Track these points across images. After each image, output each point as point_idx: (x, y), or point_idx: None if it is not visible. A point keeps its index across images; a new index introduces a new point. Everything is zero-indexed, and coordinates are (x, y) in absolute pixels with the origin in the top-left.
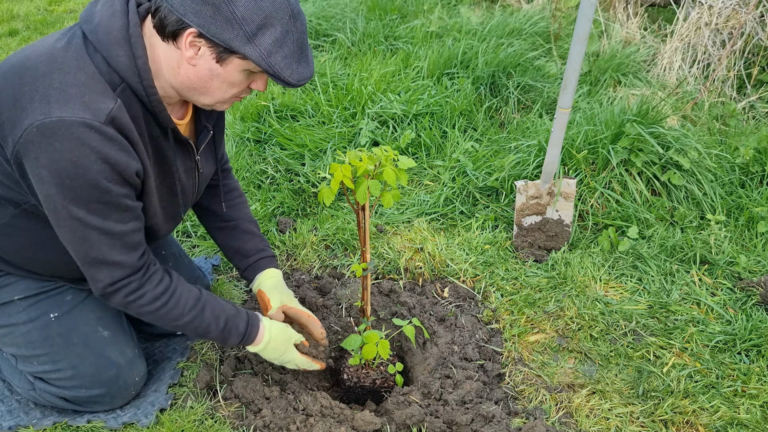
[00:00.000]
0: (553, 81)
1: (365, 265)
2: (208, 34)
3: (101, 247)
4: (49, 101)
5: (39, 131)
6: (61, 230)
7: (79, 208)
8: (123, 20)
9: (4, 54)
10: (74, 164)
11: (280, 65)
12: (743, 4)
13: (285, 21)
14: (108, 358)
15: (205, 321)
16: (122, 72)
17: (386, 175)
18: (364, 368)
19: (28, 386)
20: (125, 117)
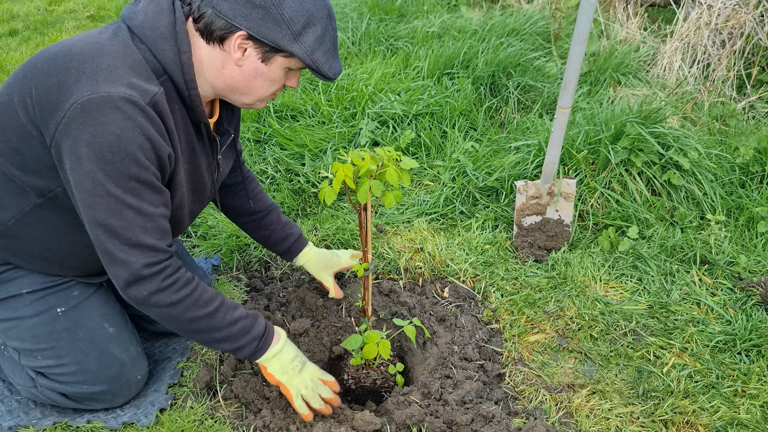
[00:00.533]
0: (553, 81)
1: (366, 266)
2: (258, 36)
3: (135, 228)
4: (97, 80)
5: (84, 107)
6: (95, 211)
7: (117, 185)
8: (170, 17)
9: (4, 54)
10: (118, 137)
11: (321, 61)
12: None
13: (324, 20)
14: (112, 355)
15: (229, 314)
16: (166, 65)
17: (388, 176)
18: (365, 368)
19: (29, 383)
20: (165, 104)
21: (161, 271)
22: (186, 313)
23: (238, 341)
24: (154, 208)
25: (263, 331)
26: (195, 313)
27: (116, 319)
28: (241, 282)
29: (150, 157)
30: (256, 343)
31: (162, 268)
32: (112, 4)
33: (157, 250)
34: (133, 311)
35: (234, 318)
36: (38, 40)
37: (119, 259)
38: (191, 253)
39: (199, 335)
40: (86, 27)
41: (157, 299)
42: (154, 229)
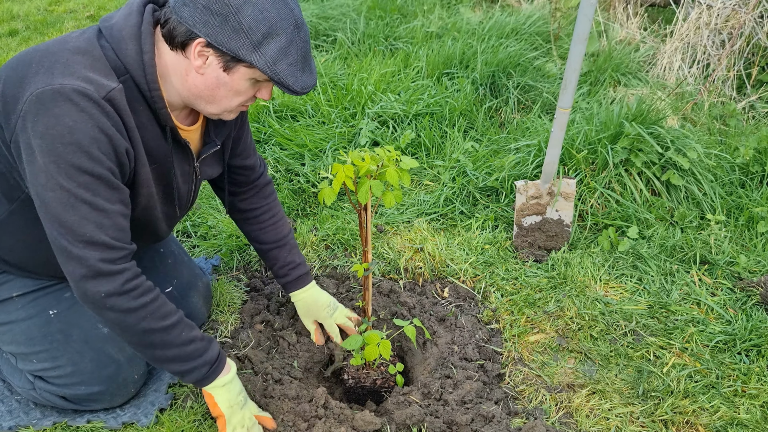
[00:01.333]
0: (553, 81)
1: (366, 266)
2: (216, 44)
3: (90, 224)
4: (53, 72)
5: (38, 98)
6: (49, 206)
7: (70, 178)
8: (137, 18)
9: (3, 54)
10: (70, 129)
11: (285, 73)
12: (743, 4)
13: (289, 31)
14: (108, 355)
15: (185, 333)
16: (128, 64)
17: (389, 176)
18: (365, 368)
19: (28, 386)
20: (123, 101)
21: (121, 272)
22: (141, 323)
23: (188, 363)
24: (109, 205)
25: (216, 358)
26: (151, 324)
27: None
28: (241, 282)
29: (105, 151)
30: (207, 368)
31: (121, 269)
32: (112, 4)
33: (114, 248)
34: None
35: (189, 337)
36: (38, 40)
37: (74, 255)
38: (191, 254)
39: (149, 350)
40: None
41: (113, 302)
42: (111, 227)
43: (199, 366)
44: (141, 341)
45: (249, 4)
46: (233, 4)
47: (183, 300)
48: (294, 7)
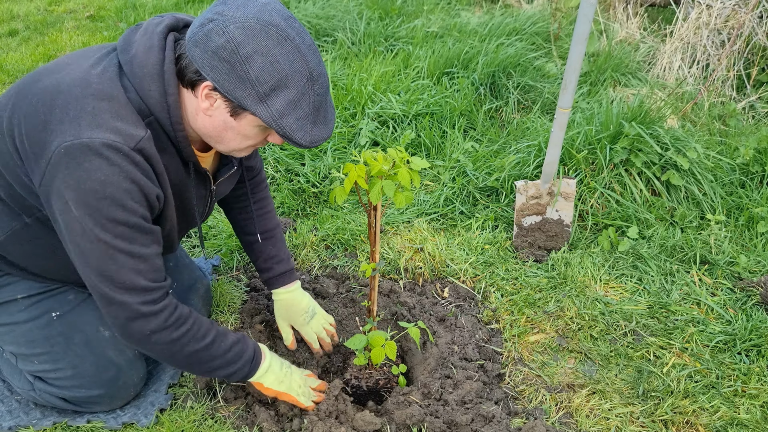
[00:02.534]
0: (553, 81)
1: (374, 265)
2: (222, 90)
3: (129, 271)
4: (80, 123)
5: (67, 152)
6: (87, 257)
7: (106, 231)
8: (159, 56)
9: (4, 54)
10: (102, 183)
11: (292, 127)
12: (742, 4)
13: (301, 84)
14: (108, 359)
15: (224, 342)
16: (152, 106)
17: (401, 176)
18: (368, 368)
19: (28, 386)
20: (152, 148)
21: (162, 309)
22: (186, 348)
23: (232, 366)
24: (145, 249)
25: (253, 354)
26: (194, 346)
27: None
28: (241, 282)
29: (138, 200)
30: (248, 366)
31: (162, 306)
32: (111, 4)
33: (154, 290)
34: None
35: (228, 345)
36: (38, 40)
37: (116, 300)
38: (191, 254)
39: (196, 366)
40: (86, 27)
41: (158, 337)
42: (148, 270)
43: (242, 366)
44: (187, 362)
45: (259, 55)
46: (242, 53)
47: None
48: (310, 58)
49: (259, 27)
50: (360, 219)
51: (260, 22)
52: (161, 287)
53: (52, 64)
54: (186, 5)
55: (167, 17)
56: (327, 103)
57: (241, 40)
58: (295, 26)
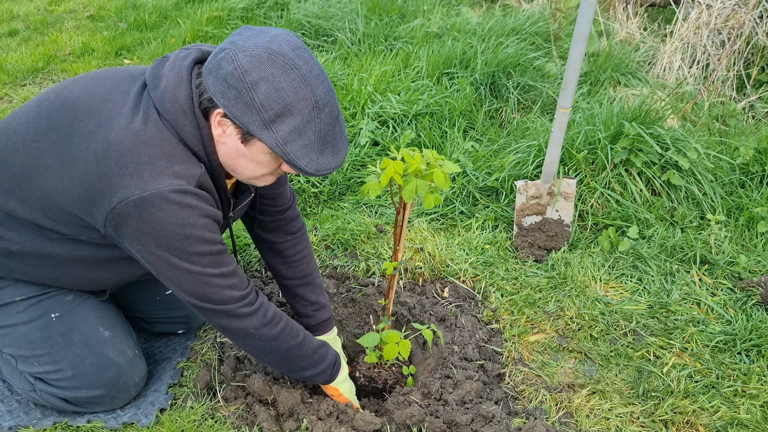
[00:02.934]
0: (553, 81)
1: (396, 264)
2: (231, 116)
3: (224, 290)
4: (143, 175)
5: (137, 205)
6: (182, 286)
7: (195, 264)
8: (188, 90)
9: (4, 54)
10: (181, 226)
11: (297, 154)
12: (742, 4)
13: (306, 112)
14: (108, 359)
15: (312, 343)
16: (188, 141)
17: (436, 177)
18: (377, 368)
19: (29, 387)
20: (209, 180)
21: (259, 308)
22: (283, 345)
23: (318, 367)
24: (231, 266)
25: (335, 359)
26: (290, 343)
27: (112, 322)
28: None
29: (213, 229)
30: (331, 369)
31: (259, 305)
32: (111, 4)
33: (248, 294)
34: (133, 312)
35: (315, 346)
36: (38, 40)
37: (219, 311)
38: None
39: (287, 364)
40: (86, 27)
41: (262, 333)
42: (239, 282)
43: (325, 368)
44: (282, 359)
45: (265, 82)
46: (249, 80)
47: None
48: (317, 87)
49: (267, 56)
50: (360, 219)
51: (268, 51)
52: (251, 289)
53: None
54: (186, 5)
55: (193, 50)
56: (336, 133)
57: (248, 67)
58: (303, 56)
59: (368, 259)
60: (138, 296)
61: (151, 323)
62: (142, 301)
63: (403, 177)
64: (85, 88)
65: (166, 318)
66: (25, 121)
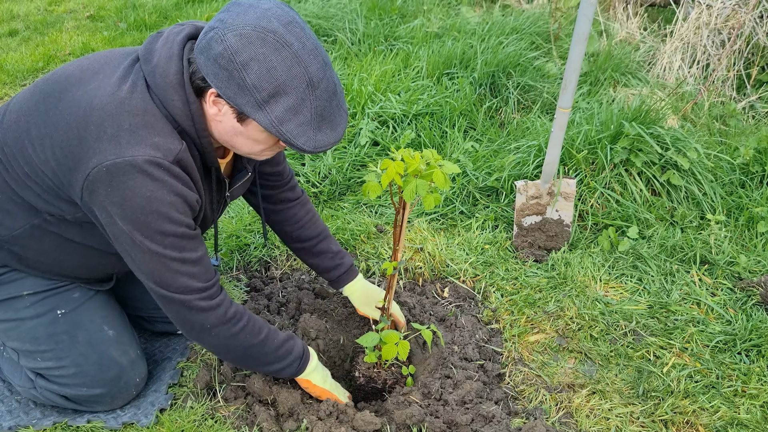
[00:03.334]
0: (553, 81)
1: (396, 264)
2: (224, 97)
3: (183, 277)
4: (120, 141)
5: (109, 171)
6: (140, 264)
7: (155, 243)
8: (178, 65)
9: (4, 54)
10: (148, 199)
11: (293, 133)
12: (743, 4)
13: (300, 90)
14: (111, 358)
15: (276, 339)
16: (176, 116)
17: (436, 177)
18: (376, 368)
19: (29, 384)
20: (189, 158)
21: (219, 304)
22: (242, 343)
23: (282, 362)
24: (195, 253)
25: (302, 351)
26: (250, 341)
27: (116, 322)
28: (241, 282)
29: (182, 210)
30: (298, 362)
31: (219, 301)
32: (111, 4)
33: (208, 288)
34: (134, 311)
35: (279, 341)
36: (38, 40)
37: (175, 299)
38: None
39: (249, 361)
40: (86, 27)
41: (218, 331)
42: (201, 272)
43: (292, 362)
44: (243, 356)
45: (255, 62)
46: (238, 61)
47: None
48: (310, 63)
49: (256, 34)
50: (360, 219)
51: (257, 29)
52: (214, 283)
53: (77, 70)
54: (186, 5)
55: (187, 25)
56: (334, 108)
57: (237, 47)
58: (295, 31)
59: (368, 259)
60: (139, 294)
61: (151, 322)
62: (143, 299)
63: (403, 177)
64: (80, 64)
65: (167, 317)
66: (21, 99)
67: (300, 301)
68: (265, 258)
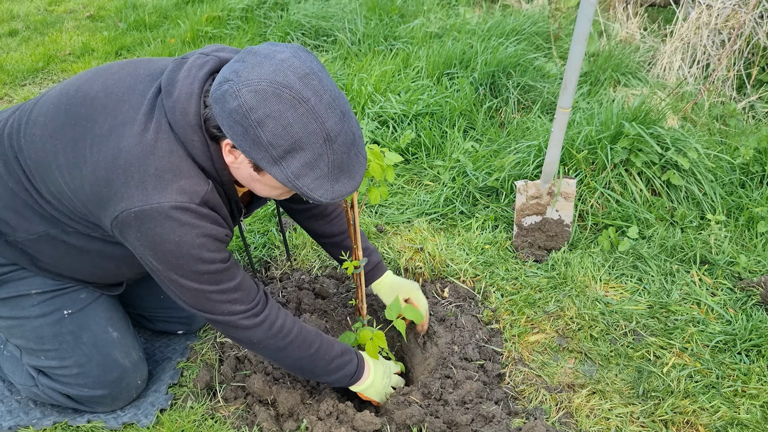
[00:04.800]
0: (553, 81)
1: (357, 263)
2: (241, 150)
3: (225, 305)
4: (146, 187)
5: (138, 217)
6: (182, 296)
7: (192, 281)
8: (197, 105)
9: (4, 54)
10: (177, 243)
11: (310, 186)
12: (743, 4)
13: (317, 146)
14: (114, 360)
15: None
16: (197, 157)
17: (372, 170)
18: None
19: (30, 382)
20: (216, 196)
21: (264, 320)
22: (292, 355)
23: (333, 376)
24: (233, 282)
25: (355, 370)
26: (300, 354)
27: (120, 324)
28: None
29: (213, 249)
30: (349, 379)
31: (264, 318)
32: (111, 4)
33: (252, 307)
34: (135, 310)
35: (331, 356)
36: (38, 40)
37: (220, 321)
38: None
39: (299, 371)
40: (86, 27)
41: (267, 344)
42: (242, 296)
43: (341, 378)
44: (293, 367)
45: (271, 120)
46: (253, 118)
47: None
48: (327, 119)
49: (272, 90)
50: (361, 219)
51: (273, 84)
52: (258, 302)
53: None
54: (186, 5)
55: (211, 57)
56: (352, 157)
57: (252, 104)
58: (312, 84)
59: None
60: (142, 293)
61: (152, 321)
62: (145, 298)
63: None
64: (105, 85)
65: (169, 317)
66: (44, 112)
67: (300, 301)
68: (265, 258)
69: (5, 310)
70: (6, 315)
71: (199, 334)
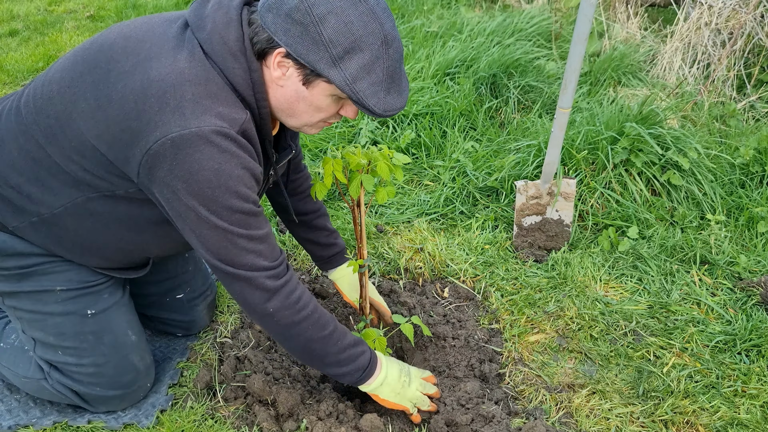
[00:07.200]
0: (553, 81)
1: (362, 262)
2: (295, 54)
3: (250, 254)
4: (184, 112)
5: (174, 144)
6: (205, 242)
7: (222, 219)
8: (238, 31)
9: (4, 54)
10: (216, 172)
11: (366, 92)
12: (743, 4)
13: (376, 47)
14: (131, 363)
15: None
16: (237, 84)
17: (380, 170)
18: None
19: (39, 375)
20: (252, 128)
21: (284, 285)
22: (304, 333)
23: (343, 367)
24: (261, 231)
25: (367, 363)
26: (313, 334)
27: (137, 327)
28: None
29: (249, 185)
30: (359, 374)
31: (284, 282)
32: (111, 4)
33: (274, 267)
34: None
35: (344, 344)
36: (38, 40)
37: (242, 277)
38: None
39: (308, 357)
40: (86, 27)
41: (280, 316)
42: (268, 251)
43: (352, 371)
44: (303, 349)
45: (333, 15)
46: (316, 13)
47: (189, 307)
48: (385, 21)
49: None
50: None
51: None
52: (281, 262)
53: (120, 39)
54: (186, 5)
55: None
56: (401, 71)
57: (314, 0)
58: None
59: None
60: (148, 293)
61: (154, 321)
62: (150, 298)
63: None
64: (120, 32)
65: (170, 320)
66: (60, 69)
67: None
68: None
69: (28, 303)
70: (29, 308)
71: (199, 334)
